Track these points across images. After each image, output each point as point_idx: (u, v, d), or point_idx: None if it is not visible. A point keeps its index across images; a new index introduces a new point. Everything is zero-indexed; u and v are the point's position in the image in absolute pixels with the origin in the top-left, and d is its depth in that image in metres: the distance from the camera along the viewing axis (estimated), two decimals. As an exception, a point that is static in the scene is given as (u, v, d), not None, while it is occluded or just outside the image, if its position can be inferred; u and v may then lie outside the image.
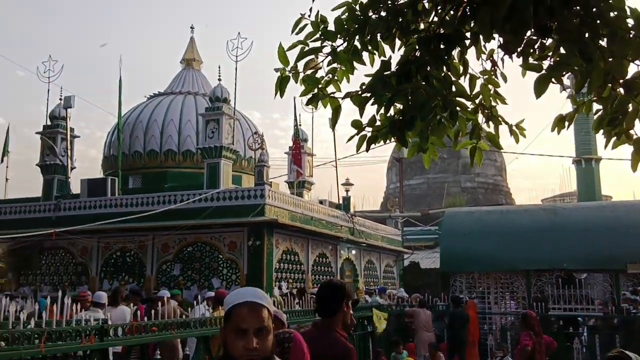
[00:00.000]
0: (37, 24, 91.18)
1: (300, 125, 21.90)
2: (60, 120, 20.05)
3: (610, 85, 2.45)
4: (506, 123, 2.93)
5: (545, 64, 2.49)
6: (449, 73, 2.72)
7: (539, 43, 2.52)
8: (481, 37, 2.62)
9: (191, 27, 26.89)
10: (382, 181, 47.44)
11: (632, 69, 2.40)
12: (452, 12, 2.71)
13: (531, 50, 2.53)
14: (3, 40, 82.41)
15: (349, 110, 3.02)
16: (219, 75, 18.92)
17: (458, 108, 2.70)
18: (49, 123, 20.34)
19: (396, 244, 25.54)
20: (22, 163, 76.99)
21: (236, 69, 18.41)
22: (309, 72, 2.99)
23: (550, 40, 2.50)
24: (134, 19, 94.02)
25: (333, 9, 2.91)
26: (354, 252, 21.33)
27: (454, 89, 2.71)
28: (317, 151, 25.54)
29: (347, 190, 23.09)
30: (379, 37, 2.87)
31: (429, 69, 2.70)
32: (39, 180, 20.10)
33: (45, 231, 16.10)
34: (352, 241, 20.65)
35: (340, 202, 22.67)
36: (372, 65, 2.98)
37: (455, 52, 2.73)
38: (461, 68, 2.79)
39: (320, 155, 58.36)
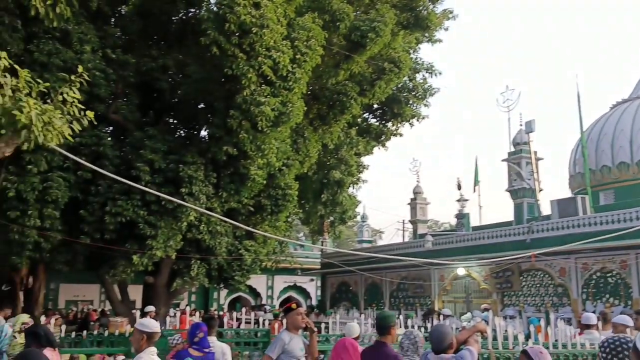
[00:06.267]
0: (493, 58, 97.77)
1: None
2: (522, 146, 20.69)
3: None
4: None
5: None
6: None
7: None
8: None
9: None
10: None
11: None
12: None
13: None
14: (466, 77, 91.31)
15: None
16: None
17: None
18: (512, 149, 21.25)
19: None
20: (488, 190, 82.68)
21: None
22: None
23: None
24: (585, 32, 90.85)
25: None
26: None
27: None
28: None
29: None
30: None
31: None
32: (508, 205, 21.06)
33: (521, 254, 16.68)
34: None
35: None
36: None
37: None
38: None
39: None
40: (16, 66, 7.22)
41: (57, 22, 10.13)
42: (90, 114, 7.85)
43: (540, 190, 20.51)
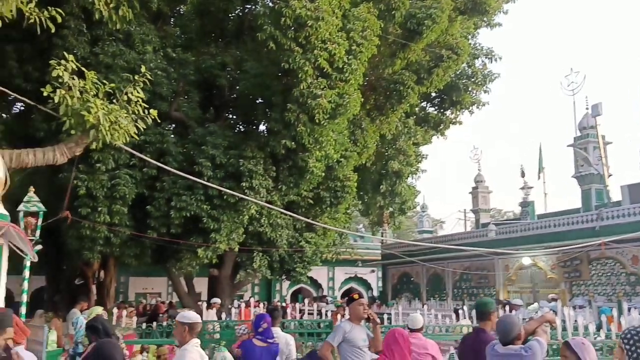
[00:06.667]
0: (555, 40, 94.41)
1: None
2: (589, 130, 19.92)
3: None
4: None
5: None
6: None
7: None
8: None
9: None
10: None
11: None
12: None
13: None
14: (527, 60, 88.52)
15: None
16: None
17: None
18: (578, 134, 20.49)
19: None
20: (554, 176, 80.00)
21: None
22: None
23: None
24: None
25: None
26: None
27: None
28: None
29: None
30: None
31: None
32: (575, 191, 20.32)
33: (590, 242, 16.11)
34: None
35: None
36: None
37: None
38: None
39: None
40: (83, 69, 7.53)
41: (120, 24, 10.47)
42: (153, 112, 8.11)
43: (609, 175, 19.71)
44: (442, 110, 20.92)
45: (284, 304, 21.70)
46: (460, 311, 11.74)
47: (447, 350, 9.83)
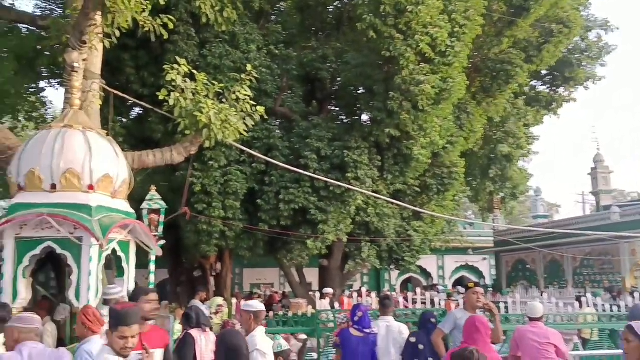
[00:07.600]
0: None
1: None
2: None
3: None
4: None
5: None
6: None
7: None
8: None
9: None
10: None
11: None
12: None
13: None
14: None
15: None
16: None
17: None
18: None
19: None
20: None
21: None
22: None
23: None
24: None
25: None
26: None
27: None
28: None
29: None
30: None
31: None
32: None
33: None
34: None
35: None
36: None
37: None
38: None
39: None
40: (194, 71, 7.89)
41: (225, 26, 10.86)
42: (260, 109, 8.34)
43: None
44: (554, 88, 19.87)
45: (394, 293, 21.63)
46: (583, 299, 11.09)
47: (570, 340, 9.35)
